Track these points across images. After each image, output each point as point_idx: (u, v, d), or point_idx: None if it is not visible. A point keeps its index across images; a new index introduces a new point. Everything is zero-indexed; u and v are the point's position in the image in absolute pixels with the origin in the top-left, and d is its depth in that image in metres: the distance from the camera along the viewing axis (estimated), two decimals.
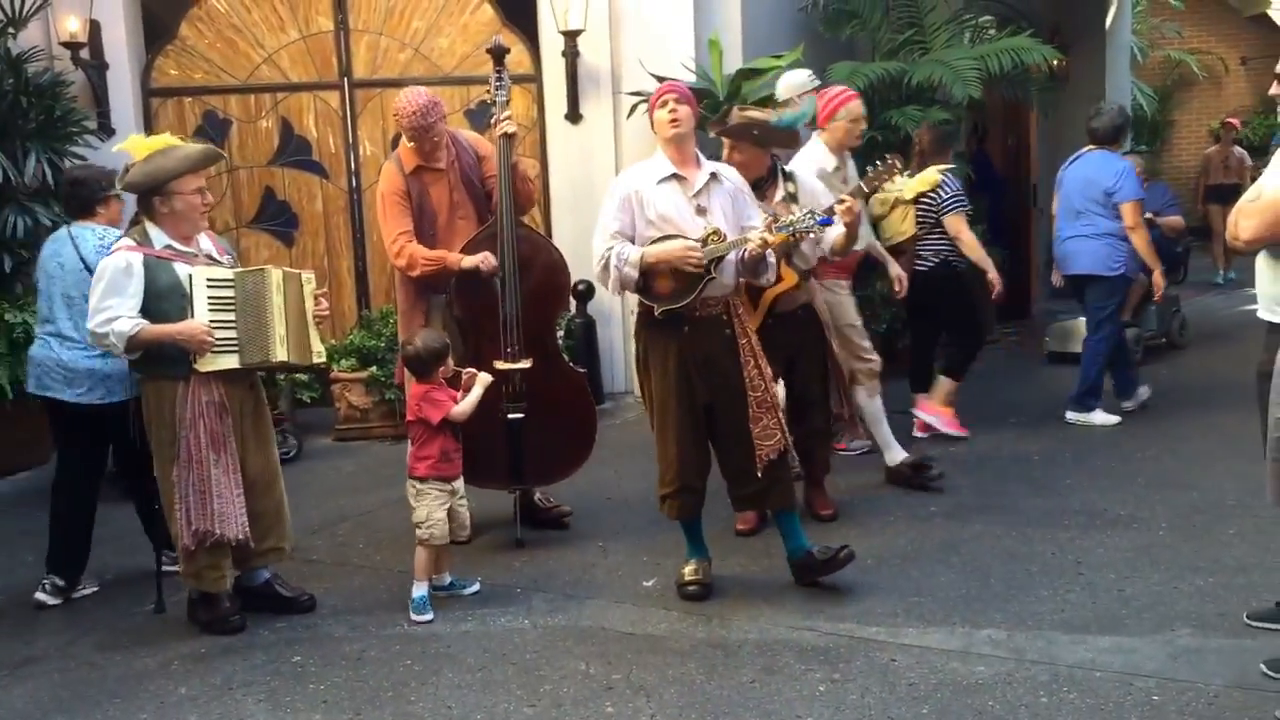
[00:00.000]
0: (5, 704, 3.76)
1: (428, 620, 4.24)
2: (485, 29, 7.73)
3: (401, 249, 4.93)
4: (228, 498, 4.11)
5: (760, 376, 4.26)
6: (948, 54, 7.83)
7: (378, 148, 7.85)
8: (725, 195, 4.28)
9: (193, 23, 7.74)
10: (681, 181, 4.25)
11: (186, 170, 4.12)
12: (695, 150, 4.32)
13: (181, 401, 4.08)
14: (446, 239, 4.99)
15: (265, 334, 4.14)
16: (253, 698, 3.73)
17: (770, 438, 4.24)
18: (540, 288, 5.02)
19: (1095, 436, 6.43)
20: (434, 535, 4.32)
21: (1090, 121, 6.79)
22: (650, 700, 3.58)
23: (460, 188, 5.04)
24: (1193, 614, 4.02)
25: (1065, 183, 6.83)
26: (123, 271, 4.03)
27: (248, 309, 4.13)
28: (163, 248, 4.12)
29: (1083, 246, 6.67)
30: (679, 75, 7.34)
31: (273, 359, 4.17)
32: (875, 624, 4.05)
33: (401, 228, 4.94)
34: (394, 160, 5.08)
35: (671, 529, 4.54)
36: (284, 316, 4.18)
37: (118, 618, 4.45)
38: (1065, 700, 3.46)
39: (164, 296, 4.06)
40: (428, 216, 4.99)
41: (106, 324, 3.99)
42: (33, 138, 6.59)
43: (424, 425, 4.33)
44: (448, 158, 5.03)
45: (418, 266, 4.92)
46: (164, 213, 4.14)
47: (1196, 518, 5.00)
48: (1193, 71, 16.67)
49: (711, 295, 4.21)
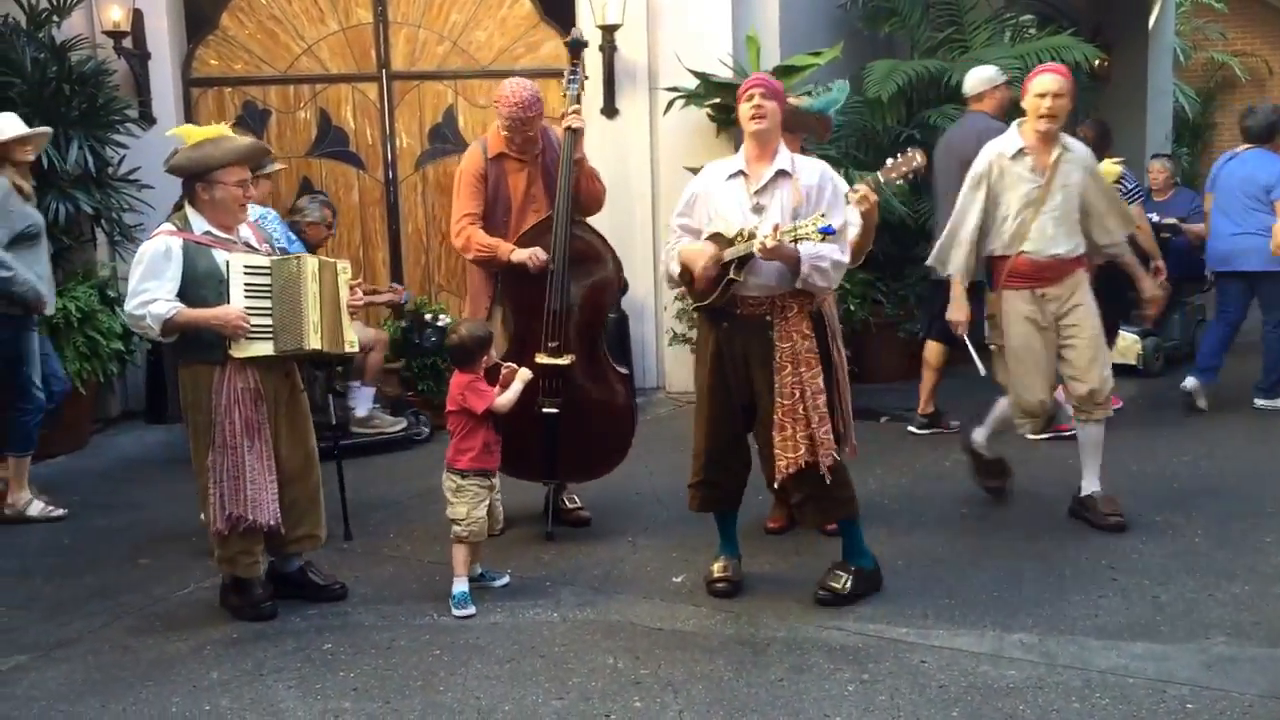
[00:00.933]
0: (40, 685, 3.81)
1: (469, 615, 4.23)
2: (523, 23, 7.75)
3: (461, 230, 4.99)
4: (261, 484, 4.14)
5: (798, 385, 4.08)
6: (987, 53, 7.78)
7: (414, 140, 7.89)
8: (795, 191, 4.11)
9: (234, 13, 7.80)
10: (746, 179, 4.19)
11: (232, 162, 4.16)
12: (778, 146, 4.19)
13: (217, 388, 4.11)
14: (516, 227, 5.02)
15: (299, 322, 4.17)
16: (283, 683, 3.76)
17: (792, 450, 4.06)
18: (590, 287, 4.98)
19: (1129, 440, 6.36)
20: (474, 533, 4.32)
21: (1244, 120, 7.07)
22: (678, 696, 3.58)
23: (539, 181, 5.05)
24: (1228, 622, 3.97)
25: (1221, 180, 7.02)
26: (162, 255, 4.07)
27: (283, 297, 4.16)
28: (202, 234, 4.16)
29: (1251, 244, 6.80)
30: (716, 71, 7.35)
31: (306, 347, 4.20)
32: (905, 625, 4.03)
33: (469, 209, 4.98)
34: (480, 143, 5.12)
35: (702, 525, 4.54)
36: (318, 305, 4.21)
37: (150, 602, 4.50)
38: (1097, 706, 3.43)
39: (201, 282, 4.10)
40: (501, 203, 5.03)
41: (143, 306, 4.03)
42: (75, 126, 6.65)
43: (467, 416, 4.32)
44: (534, 150, 5.05)
45: (471, 250, 4.98)
46: (205, 200, 4.18)
47: (1233, 524, 4.94)
48: (1235, 74, 16.46)
49: (751, 294, 4.10)
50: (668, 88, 7.42)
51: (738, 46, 7.58)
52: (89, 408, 7.02)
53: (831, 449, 4.11)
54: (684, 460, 4.44)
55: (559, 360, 4.87)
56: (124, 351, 6.85)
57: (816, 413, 4.07)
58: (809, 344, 4.12)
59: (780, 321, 4.11)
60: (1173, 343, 8.32)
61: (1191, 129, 15.99)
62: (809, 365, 4.10)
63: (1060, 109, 4.79)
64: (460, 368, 4.39)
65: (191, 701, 3.65)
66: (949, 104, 7.65)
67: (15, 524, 5.50)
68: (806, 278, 4.04)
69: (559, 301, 4.88)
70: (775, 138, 4.20)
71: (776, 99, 4.18)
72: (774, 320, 4.11)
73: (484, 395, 4.32)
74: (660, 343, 7.92)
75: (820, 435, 4.08)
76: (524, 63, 7.60)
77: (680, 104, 7.37)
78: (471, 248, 4.97)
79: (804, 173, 4.16)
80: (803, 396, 4.07)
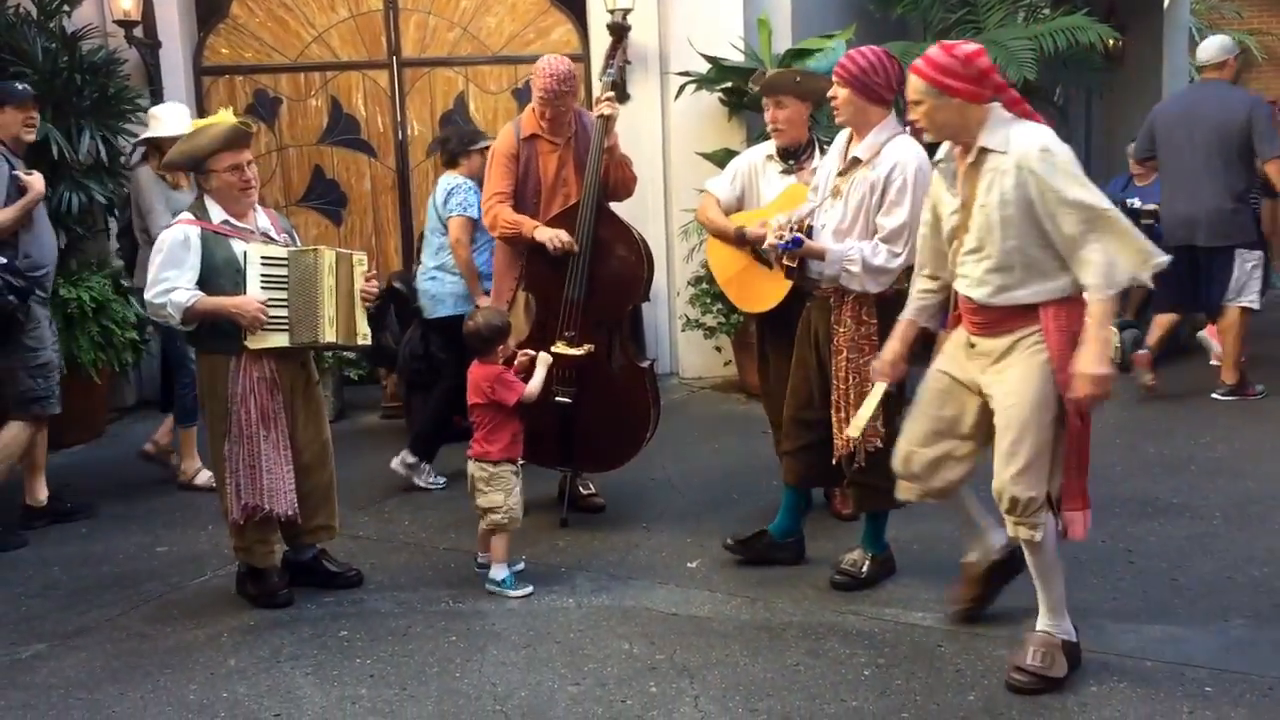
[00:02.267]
0: (58, 673, 3.83)
1: (528, 593, 4.25)
2: (534, 8, 7.73)
3: (490, 208, 5.01)
4: (277, 474, 4.15)
5: (850, 371, 4.03)
6: (1001, 34, 7.72)
7: (425, 127, 7.88)
8: (862, 184, 4.00)
9: (244, 2, 7.80)
10: (840, 157, 4.14)
11: (218, 149, 4.14)
12: (871, 131, 4.01)
13: (233, 377, 4.12)
14: (545, 210, 5.02)
15: (315, 314, 4.17)
16: (300, 670, 3.77)
17: (843, 432, 4.07)
18: (614, 276, 4.91)
19: (1146, 423, 6.33)
20: (513, 519, 4.32)
21: None
22: (694, 681, 3.58)
23: (570, 164, 5.05)
24: (1247, 605, 3.95)
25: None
26: (181, 244, 4.08)
27: (300, 289, 4.16)
28: (220, 223, 4.17)
29: None
30: (727, 55, 7.32)
31: (321, 339, 4.20)
32: (921, 609, 4.02)
33: (499, 188, 5.00)
34: (514, 123, 5.13)
35: (715, 511, 4.54)
36: (334, 298, 4.21)
37: (168, 590, 4.51)
38: (1115, 689, 3.41)
39: (219, 271, 4.10)
40: (531, 184, 5.03)
41: (164, 295, 4.04)
42: (86, 115, 6.66)
43: (496, 409, 4.30)
44: (567, 133, 5.04)
45: (498, 227, 4.99)
46: (209, 189, 4.20)
47: (1251, 507, 4.91)
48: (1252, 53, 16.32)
49: (812, 276, 4.09)
50: (679, 72, 7.39)
51: (749, 30, 7.55)
52: (105, 397, 7.04)
53: (875, 436, 4.00)
54: (698, 447, 4.43)
55: (575, 350, 4.84)
56: (139, 341, 6.86)
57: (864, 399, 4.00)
58: (866, 329, 4.04)
59: (839, 305, 4.09)
60: None
61: None
62: (862, 351, 4.04)
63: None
64: (479, 357, 4.38)
65: (209, 688, 3.67)
66: None
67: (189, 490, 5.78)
68: (836, 278, 4.04)
69: (577, 290, 4.85)
70: (865, 122, 4.01)
71: (851, 86, 3.94)
72: (835, 304, 4.11)
73: (514, 388, 4.30)
74: (674, 328, 7.90)
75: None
76: (534, 48, 7.58)
77: (692, 88, 7.34)
78: (498, 224, 4.98)
79: (880, 164, 3.98)
80: (856, 382, 4.06)
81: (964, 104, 3.34)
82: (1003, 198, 3.32)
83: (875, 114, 4.01)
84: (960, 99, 3.33)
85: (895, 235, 3.96)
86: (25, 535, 5.17)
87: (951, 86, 3.32)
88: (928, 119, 3.41)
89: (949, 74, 3.32)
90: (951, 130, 3.42)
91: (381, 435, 6.54)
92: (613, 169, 4.95)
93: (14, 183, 5.04)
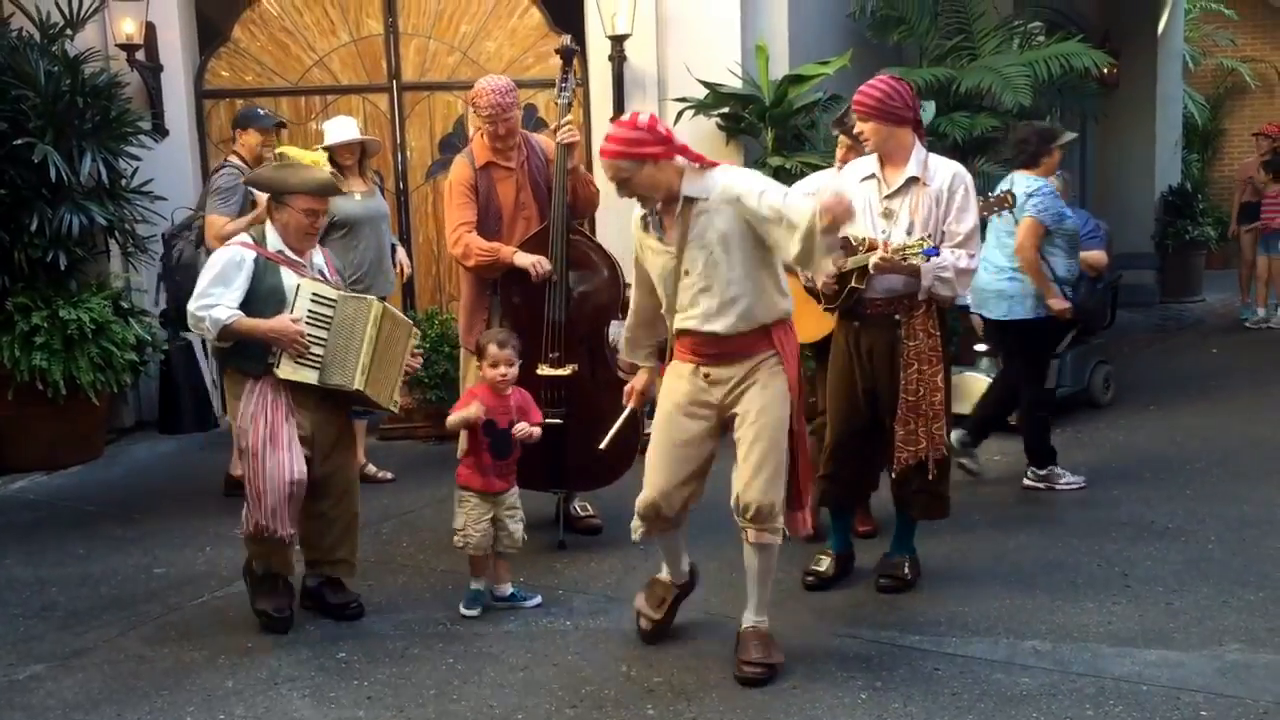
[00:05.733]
0: (55, 694, 3.83)
1: (473, 615, 4.26)
2: (533, 33, 7.78)
3: (460, 238, 4.98)
4: (280, 497, 4.15)
5: (921, 383, 4.16)
6: (997, 60, 7.77)
7: (425, 150, 7.91)
8: (926, 198, 4.15)
9: (245, 25, 7.84)
10: (879, 183, 4.24)
11: (301, 191, 4.22)
12: (911, 152, 4.17)
13: (248, 396, 4.15)
14: (508, 236, 5.03)
15: (350, 360, 4.20)
16: (298, 692, 3.77)
17: (912, 444, 4.20)
18: (589, 296, 5.01)
19: (1142, 447, 6.35)
20: (468, 545, 4.31)
21: None
22: (691, 704, 3.59)
23: (527, 188, 5.08)
24: (1242, 629, 3.97)
25: None
26: (235, 265, 4.15)
27: (341, 331, 4.20)
28: (275, 251, 4.23)
29: None
30: (725, 81, 7.37)
31: (349, 387, 4.22)
32: (918, 633, 4.03)
33: (463, 219, 4.99)
34: (466, 154, 5.13)
35: (713, 535, 4.54)
36: (372, 349, 4.24)
37: (166, 611, 4.51)
38: (1111, 714, 3.43)
39: (264, 299, 4.14)
40: (493, 212, 5.04)
41: (205, 309, 4.10)
42: (88, 138, 6.69)
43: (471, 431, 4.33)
44: (518, 157, 5.08)
45: (473, 256, 4.96)
46: (278, 219, 4.26)
47: (1247, 531, 4.93)
48: (1245, 80, 16.43)
49: (878, 297, 4.19)
50: (677, 98, 7.44)
51: (746, 56, 7.60)
52: (103, 418, 7.04)
53: (942, 444, 4.24)
54: None
55: (560, 371, 4.89)
56: (138, 362, 6.87)
57: (932, 409, 4.18)
58: (933, 342, 4.19)
59: (908, 320, 4.18)
60: (1063, 389, 7.07)
61: (1201, 135, 15.96)
62: (931, 363, 4.18)
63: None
64: None
65: (206, 710, 3.67)
66: (958, 111, 7.65)
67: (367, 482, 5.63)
68: (930, 288, 4.13)
69: (559, 312, 4.91)
70: (899, 145, 4.17)
71: (875, 116, 4.12)
72: (902, 319, 4.19)
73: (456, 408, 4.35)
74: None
75: (934, 431, 4.20)
76: (534, 73, 7.63)
77: (690, 114, 7.39)
78: (472, 254, 4.96)
79: (936, 177, 4.17)
80: (926, 395, 4.18)
81: (664, 163, 3.65)
82: (720, 234, 3.65)
83: (905, 136, 4.20)
84: (658, 160, 3.64)
85: (969, 238, 4.18)
86: None
87: (647, 153, 3.63)
88: (637, 187, 3.67)
89: (641, 144, 3.63)
90: (661, 188, 3.69)
91: (380, 456, 6.54)
92: (578, 188, 5.02)
93: (247, 197, 5.61)
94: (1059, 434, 6.66)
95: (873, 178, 4.26)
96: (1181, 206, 12.70)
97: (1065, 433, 6.72)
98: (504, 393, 4.34)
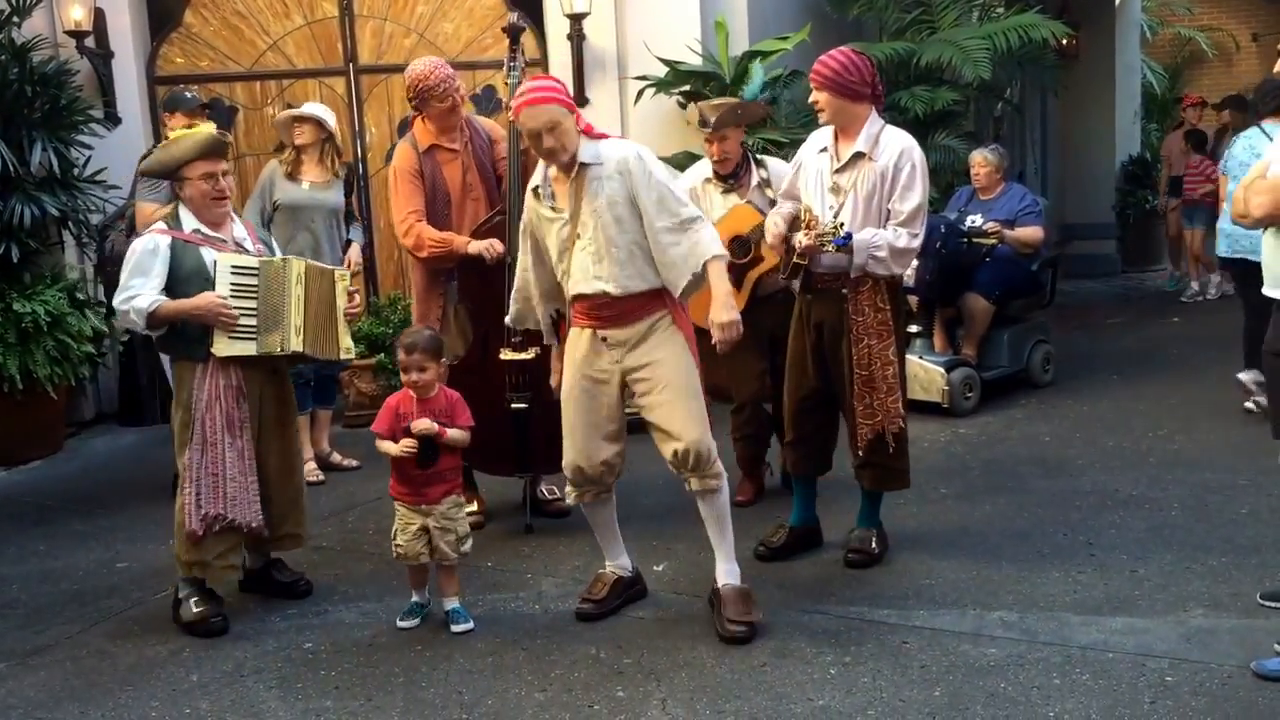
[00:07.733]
0: (17, 692, 3.77)
1: (408, 627, 4.09)
2: (490, 13, 7.70)
3: (410, 228, 4.88)
4: (241, 483, 4.12)
5: (872, 358, 4.17)
6: (956, 33, 7.78)
7: (383, 134, 7.83)
8: (871, 174, 4.14)
9: (197, 10, 7.72)
10: (831, 157, 4.24)
11: (193, 157, 4.14)
12: (863, 125, 4.15)
13: (199, 383, 4.10)
14: (458, 220, 4.97)
15: (284, 323, 4.15)
16: (264, 684, 3.73)
17: (871, 418, 4.22)
18: None
19: (1106, 417, 6.40)
20: (400, 554, 4.12)
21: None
22: (661, 684, 3.58)
23: (474, 169, 5.02)
24: (1205, 594, 4.00)
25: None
26: (150, 253, 4.08)
27: (267, 297, 4.14)
28: (191, 231, 4.16)
29: None
30: (685, 58, 7.33)
31: (286, 349, 4.17)
32: (886, 606, 4.04)
33: (412, 206, 4.90)
34: (408, 139, 5.04)
35: (682, 514, 4.54)
36: (302, 308, 4.19)
37: (128, 606, 4.46)
38: (1078, 682, 3.45)
39: (188, 280, 4.09)
40: (440, 196, 4.96)
41: (127, 302, 4.04)
42: (38, 127, 6.58)
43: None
44: (462, 139, 5.01)
45: (425, 248, 4.88)
46: (184, 197, 4.21)
47: (1209, 498, 4.97)
48: (1203, 49, 16.54)
49: (823, 270, 4.22)
50: (637, 76, 7.39)
51: (706, 32, 7.56)
52: (62, 412, 6.95)
53: (899, 417, 4.24)
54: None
55: (523, 355, 4.84)
56: (95, 354, 6.78)
57: (885, 383, 4.19)
58: (882, 316, 4.19)
59: (855, 295, 4.18)
60: (1000, 369, 6.98)
61: (1160, 105, 16.07)
62: (881, 337, 4.19)
63: None
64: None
65: (171, 705, 3.63)
66: (919, 85, 7.65)
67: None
68: (864, 267, 4.13)
69: None
70: (853, 119, 4.17)
71: (829, 88, 4.11)
72: (849, 294, 4.19)
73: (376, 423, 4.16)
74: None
75: (889, 404, 4.21)
76: (492, 53, 7.56)
77: (650, 92, 7.35)
78: (424, 245, 4.86)
79: (884, 154, 4.14)
80: (880, 369, 4.19)
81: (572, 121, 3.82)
82: (610, 199, 3.80)
83: (860, 110, 4.18)
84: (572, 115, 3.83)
85: (912, 217, 4.14)
86: None
87: (568, 103, 3.85)
88: (563, 135, 3.78)
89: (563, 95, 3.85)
90: (571, 146, 3.81)
91: (345, 443, 6.49)
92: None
93: None
94: (1022, 406, 6.72)
95: (825, 151, 4.26)
96: (1141, 176, 12.78)
97: (1029, 404, 6.76)
98: (426, 396, 4.07)
